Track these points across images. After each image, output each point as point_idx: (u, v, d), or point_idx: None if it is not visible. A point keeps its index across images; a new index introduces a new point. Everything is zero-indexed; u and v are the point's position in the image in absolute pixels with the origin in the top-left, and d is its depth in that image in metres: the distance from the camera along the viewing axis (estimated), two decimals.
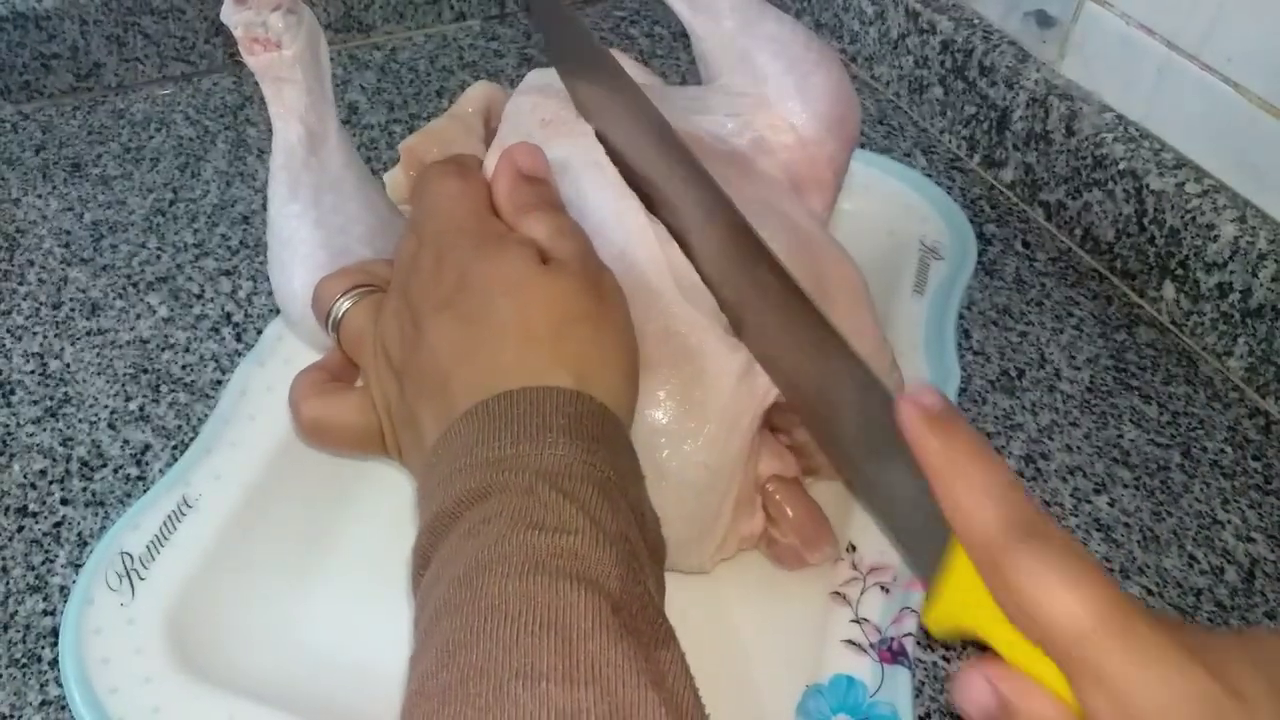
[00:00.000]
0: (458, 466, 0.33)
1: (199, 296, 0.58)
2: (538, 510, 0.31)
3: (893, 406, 0.33)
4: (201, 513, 0.46)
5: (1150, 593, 0.48)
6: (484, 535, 0.31)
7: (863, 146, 0.64)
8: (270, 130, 0.70)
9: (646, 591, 0.31)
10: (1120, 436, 0.54)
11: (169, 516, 0.45)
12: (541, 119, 0.47)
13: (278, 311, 0.54)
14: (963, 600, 0.32)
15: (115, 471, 0.50)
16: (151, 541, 0.45)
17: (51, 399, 0.53)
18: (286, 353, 0.51)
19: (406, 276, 0.39)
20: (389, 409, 0.39)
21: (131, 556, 0.44)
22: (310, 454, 0.48)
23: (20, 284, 0.59)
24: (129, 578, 0.44)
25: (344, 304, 0.42)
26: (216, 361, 0.55)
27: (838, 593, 0.45)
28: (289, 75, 0.46)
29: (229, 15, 0.45)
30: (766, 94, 0.49)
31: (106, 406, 0.53)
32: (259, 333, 0.53)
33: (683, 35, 0.79)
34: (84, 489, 0.49)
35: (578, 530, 0.30)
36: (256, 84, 0.71)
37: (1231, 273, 0.55)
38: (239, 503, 0.46)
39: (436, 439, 0.35)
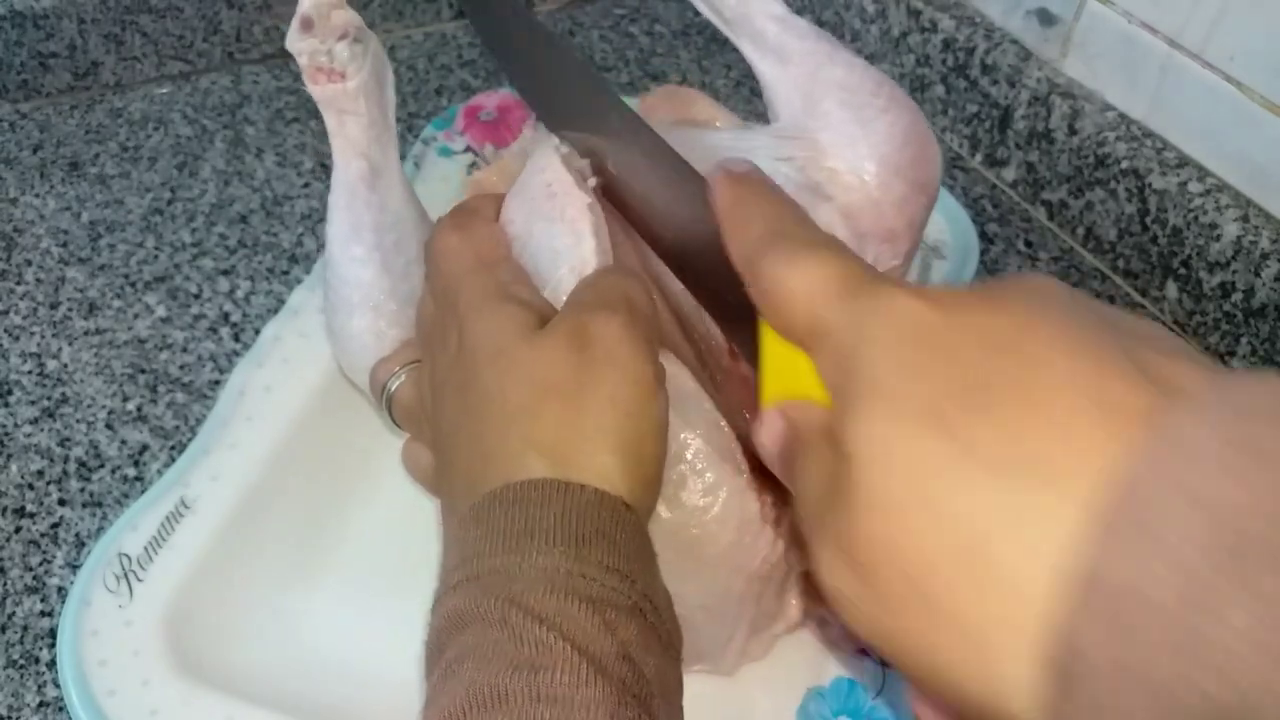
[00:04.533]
0: (445, 585, 0.31)
1: (197, 296, 0.58)
2: (511, 646, 0.28)
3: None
4: (199, 514, 0.45)
5: None
6: (459, 677, 0.28)
7: None
8: (269, 130, 0.69)
9: None
10: None
11: (167, 518, 0.45)
12: (547, 183, 0.42)
13: (275, 311, 0.54)
14: (777, 365, 0.31)
15: (113, 472, 0.50)
16: (149, 543, 0.44)
17: (49, 399, 0.53)
18: (285, 353, 0.51)
19: (425, 344, 0.39)
20: None
21: (129, 558, 0.44)
22: (308, 456, 0.48)
23: (18, 284, 0.58)
24: (127, 579, 0.43)
25: (394, 382, 0.42)
26: (214, 361, 0.55)
27: None
28: (352, 107, 0.44)
29: (294, 43, 0.43)
30: (820, 138, 0.45)
31: (104, 407, 0.53)
32: (257, 333, 0.53)
33: (683, 34, 0.78)
34: (81, 490, 0.49)
35: (555, 665, 0.28)
36: (255, 82, 0.71)
37: (1234, 273, 0.55)
38: (237, 504, 0.46)
39: (441, 547, 0.34)
